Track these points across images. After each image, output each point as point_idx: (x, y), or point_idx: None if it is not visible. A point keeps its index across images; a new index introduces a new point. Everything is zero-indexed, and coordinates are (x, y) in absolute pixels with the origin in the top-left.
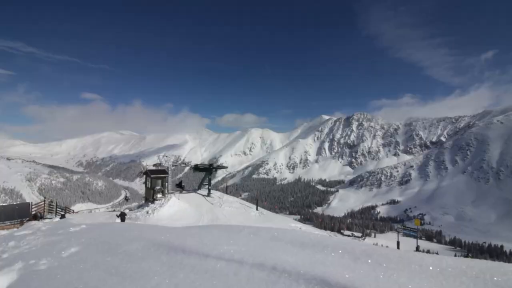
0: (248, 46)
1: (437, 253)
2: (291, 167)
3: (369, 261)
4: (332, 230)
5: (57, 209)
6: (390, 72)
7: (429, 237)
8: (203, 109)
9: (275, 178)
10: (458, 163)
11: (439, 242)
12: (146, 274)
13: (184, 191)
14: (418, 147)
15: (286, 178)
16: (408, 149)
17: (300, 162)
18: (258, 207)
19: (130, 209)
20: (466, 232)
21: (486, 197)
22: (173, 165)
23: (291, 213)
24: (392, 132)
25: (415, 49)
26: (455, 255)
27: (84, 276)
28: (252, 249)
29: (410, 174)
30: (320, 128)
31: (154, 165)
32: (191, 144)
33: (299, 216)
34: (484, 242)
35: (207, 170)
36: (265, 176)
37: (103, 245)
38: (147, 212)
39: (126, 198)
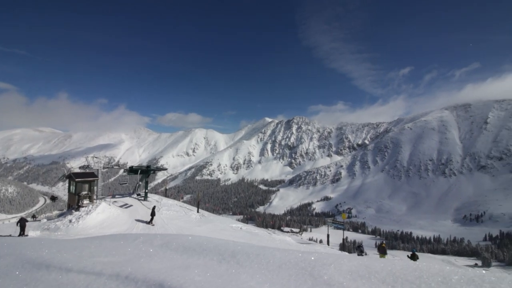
0: (194, 45)
1: (361, 242)
2: (235, 168)
3: (231, 262)
4: (272, 227)
5: None
6: (326, 80)
7: (355, 228)
8: (143, 107)
9: (219, 179)
10: (378, 163)
11: (363, 232)
12: None
13: (117, 196)
14: (347, 148)
15: (230, 179)
16: (339, 150)
17: (244, 163)
18: (200, 209)
19: (49, 218)
20: (384, 223)
21: (399, 191)
22: (104, 167)
23: (234, 214)
24: (326, 135)
25: (346, 61)
26: (375, 243)
27: None
28: (123, 259)
29: (340, 173)
30: (263, 130)
31: (81, 167)
32: (128, 144)
33: (242, 216)
34: (398, 230)
35: (144, 172)
36: (209, 177)
37: None
38: (70, 221)
39: (52, 199)
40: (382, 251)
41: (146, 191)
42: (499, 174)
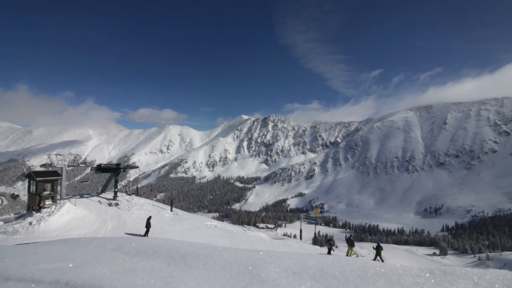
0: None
1: (332, 236)
2: (211, 165)
3: (180, 263)
4: (248, 224)
5: None
6: (302, 80)
7: (327, 222)
8: (113, 101)
9: (194, 177)
10: (349, 160)
11: (334, 226)
12: None
13: (85, 195)
14: (320, 146)
15: (205, 177)
16: (313, 148)
17: (220, 160)
18: (173, 208)
19: (7, 221)
20: (354, 217)
21: (367, 187)
22: (69, 165)
23: (210, 211)
24: (301, 133)
25: (321, 62)
26: (345, 236)
27: None
28: (69, 266)
29: (314, 170)
30: (240, 127)
31: (43, 165)
32: (96, 141)
33: (217, 214)
34: (366, 223)
35: (113, 170)
36: (184, 175)
37: None
38: (31, 223)
39: (13, 197)
40: (350, 244)
41: (116, 190)
42: (455, 170)
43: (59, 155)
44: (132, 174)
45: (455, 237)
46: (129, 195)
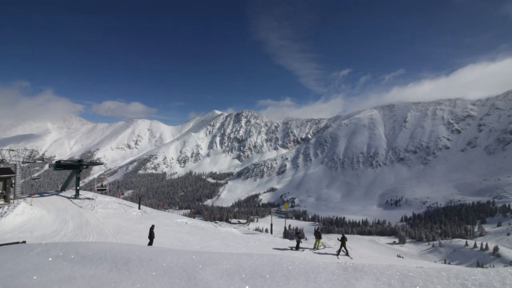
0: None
1: (301, 229)
2: (182, 161)
3: (122, 269)
4: (220, 220)
5: None
6: (274, 76)
7: (297, 216)
8: (75, 93)
9: (164, 173)
10: (318, 155)
11: (304, 219)
12: None
13: (45, 194)
14: (292, 142)
15: (176, 173)
16: (285, 144)
17: (192, 156)
18: (142, 206)
19: None
20: (322, 210)
21: (335, 181)
22: (24, 162)
23: (181, 208)
24: (274, 129)
25: (293, 59)
26: (315, 228)
27: None
28: (2, 275)
29: (285, 165)
30: (212, 123)
31: None
32: (56, 135)
33: (189, 210)
34: (334, 216)
35: (74, 167)
36: (154, 171)
37: None
38: None
39: None
40: (317, 236)
41: (78, 188)
42: (413, 165)
43: (12, 150)
44: (96, 171)
45: (412, 226)
46: (102, 189)
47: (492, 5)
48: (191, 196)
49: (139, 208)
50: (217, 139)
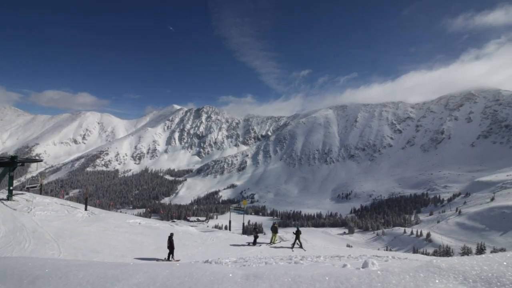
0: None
1: (259, 225)
2: (137, 157)
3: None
4: (178, 218)
5: None
6: (236, 73)
7: (257, 211)
8: (10, 80)
9: (117, 170)
10: (278, 152)
11: (263, 215)
12: None
13: None
14: (253, 139)
15: (130, 170)
16: (246, 140)
17: (148, 152)
18: (89, 206)
19: None
20: (281, 205)
21: (293, 177)
22: None
23: (135, 207)
24: (235, 125)
25: (254, 57)
26: (273, 223)
27: None
28: None
29: (246, 162)
30: (171, 118)
31: None
32: None
33: (144, 210)
34: (291, 210)
35: (7, 164)
36: (104, 168)
37: None
38: None
39: None
40: (274, 231)
41: (11, 188)
42: (362, 161)
43: None
44: (34, 169)
45: (360, 217)
46: (32, 187)
47: (431, 19)
48: (146, 194)
49: (85, 209)
50: (176, 134)
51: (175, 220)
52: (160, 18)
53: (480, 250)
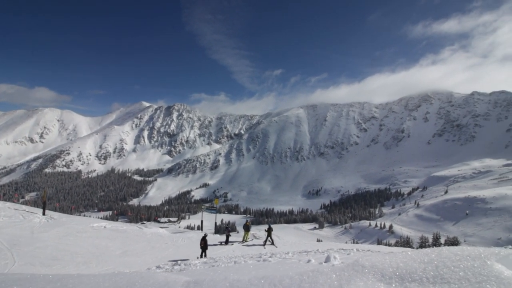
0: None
1: (231, 224)
2: (103, 157)
3: None
4: (148, 220)
5: None
6: (209, 70)
7: (230, 210)
8: None
9: (79, 171)
10: (251, 150)
11: (237, 213)
12: None
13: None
14: (225, 137)
15: (95, 170)
16: (218, 139)
17: (115, 152)
18: (47, 211)
19: None
20: (254, 203)
21: (266, 175)
22: None
23: (101, 210)
24: (207, 124)
25: (227, 55)
26: (246, 221)
27: None
28: None
29: (218, 161)
30: (139, 115)
31: None
32: None
33: (110, 212)
34: (264, 208)
35: None
36: (65, 169)
37: None
38: None
39: None
40: (246, 229)
41: None
42: (331, 158)
43: None
44: None
45: (329, 212)
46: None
47: (395, 25)
48: (113, 196)
49: (43, 214)
50: (145, 133)
51: (144, 222)
52: (127, 12)
53: (436, 239)
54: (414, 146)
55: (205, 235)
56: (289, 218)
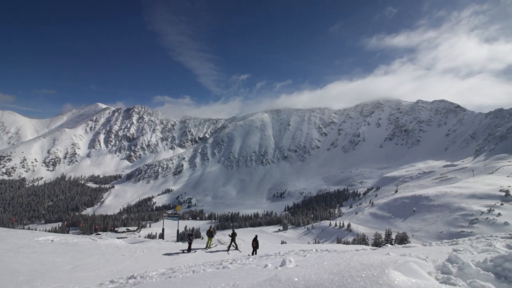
0: None
1: (194, 231)
2: (51, 163)
3: None
4: (104, 230)
5: None
6: (173, 72)
7: (194, 216)
8: None
9: (23, 179)
10: (216, 155)
11: (201, 219)
12: None
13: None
14: (190, 141)
15: (42, 178)
16: (182, 143)
17: (65, 157)
18: None
19: None
20: (219, 207)
21: (231, 179)
22: None
23: (48, 222)
24: (170, 127)
25: (191, 57)
26: (210, 227)
27: None
28: None
29: (182, 165)
30: (95, 118)
31: None
32: None
33: (59, 224)
34: (229, 212)
35: None
36: (6, 177)
37: None
38: None
39: None
40: (209, 235)
41: None
42: (294, 162)
43: None
44: None
45: (293, 214)
46: None
47: (353, 37)
48: (63, 205)
49: None
50: (101, 137)
51: (99, 233)
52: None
53: (388, 235)
54: (368, 150)
55: (256, 236)
56: (254, 221)
